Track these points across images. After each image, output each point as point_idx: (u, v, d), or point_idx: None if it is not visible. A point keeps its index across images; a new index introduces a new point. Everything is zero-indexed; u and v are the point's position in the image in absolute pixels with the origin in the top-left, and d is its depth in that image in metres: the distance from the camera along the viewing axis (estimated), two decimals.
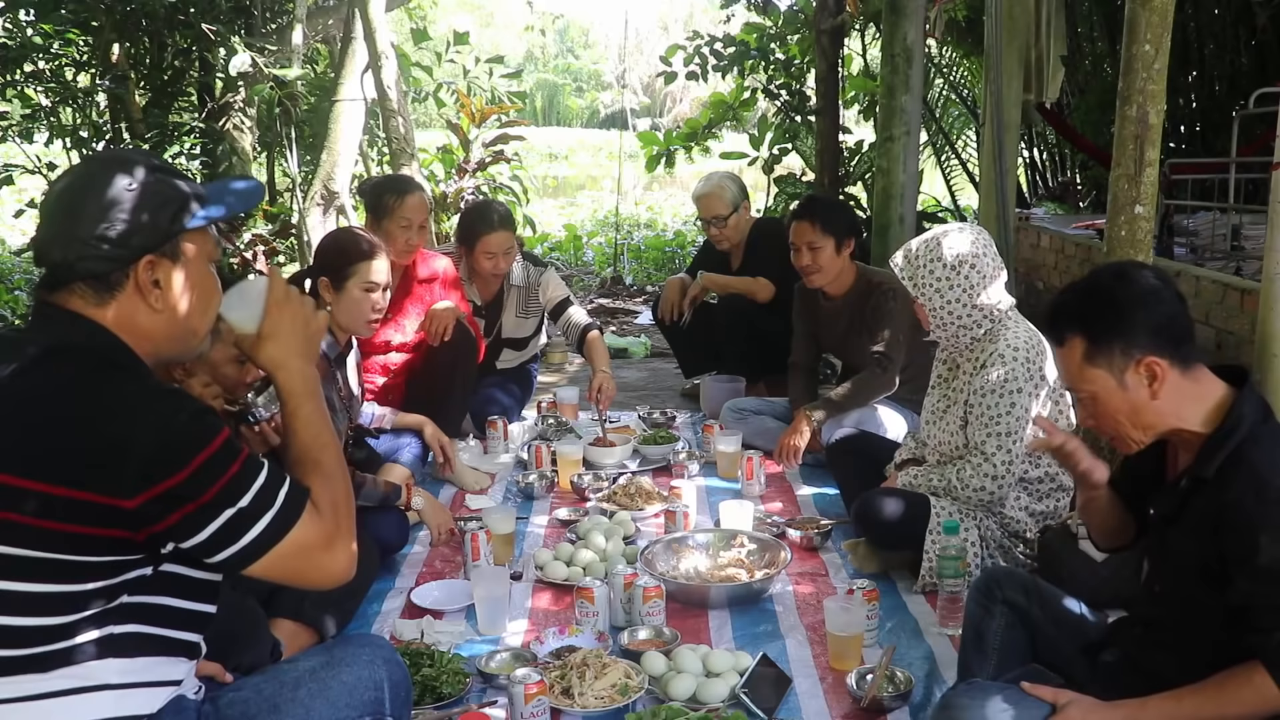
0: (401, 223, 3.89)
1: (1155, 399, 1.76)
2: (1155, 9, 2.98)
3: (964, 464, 2.83)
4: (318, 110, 7.30)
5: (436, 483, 3.80)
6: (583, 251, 10.44)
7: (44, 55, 6.21)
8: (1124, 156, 3.08)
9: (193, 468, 1.43)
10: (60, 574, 1.41)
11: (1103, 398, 1.79)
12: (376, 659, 1.64)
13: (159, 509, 1.42)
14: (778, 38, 8.00)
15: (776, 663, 2.38)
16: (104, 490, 1.40)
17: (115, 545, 1.43)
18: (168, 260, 1.55)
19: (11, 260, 8.97)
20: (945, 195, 10.00)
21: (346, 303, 3.05)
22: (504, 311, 4.46)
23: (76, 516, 1.40)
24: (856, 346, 3.92)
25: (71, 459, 1.40)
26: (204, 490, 1.43)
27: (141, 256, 1.52)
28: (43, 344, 1.49)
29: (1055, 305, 1.87)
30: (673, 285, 4.83)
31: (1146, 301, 1.76)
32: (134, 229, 1.51)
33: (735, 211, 4.68)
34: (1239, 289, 4.05)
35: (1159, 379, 1.75)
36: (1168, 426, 1.79)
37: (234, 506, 1.45)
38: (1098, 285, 1.83)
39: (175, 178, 1.59)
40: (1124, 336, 1.75)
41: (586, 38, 45.54)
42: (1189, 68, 7.04)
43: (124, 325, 1.53)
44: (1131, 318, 1.76)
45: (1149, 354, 1.74)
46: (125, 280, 1.52)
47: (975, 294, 2.82)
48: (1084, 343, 1.79)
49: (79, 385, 1.45)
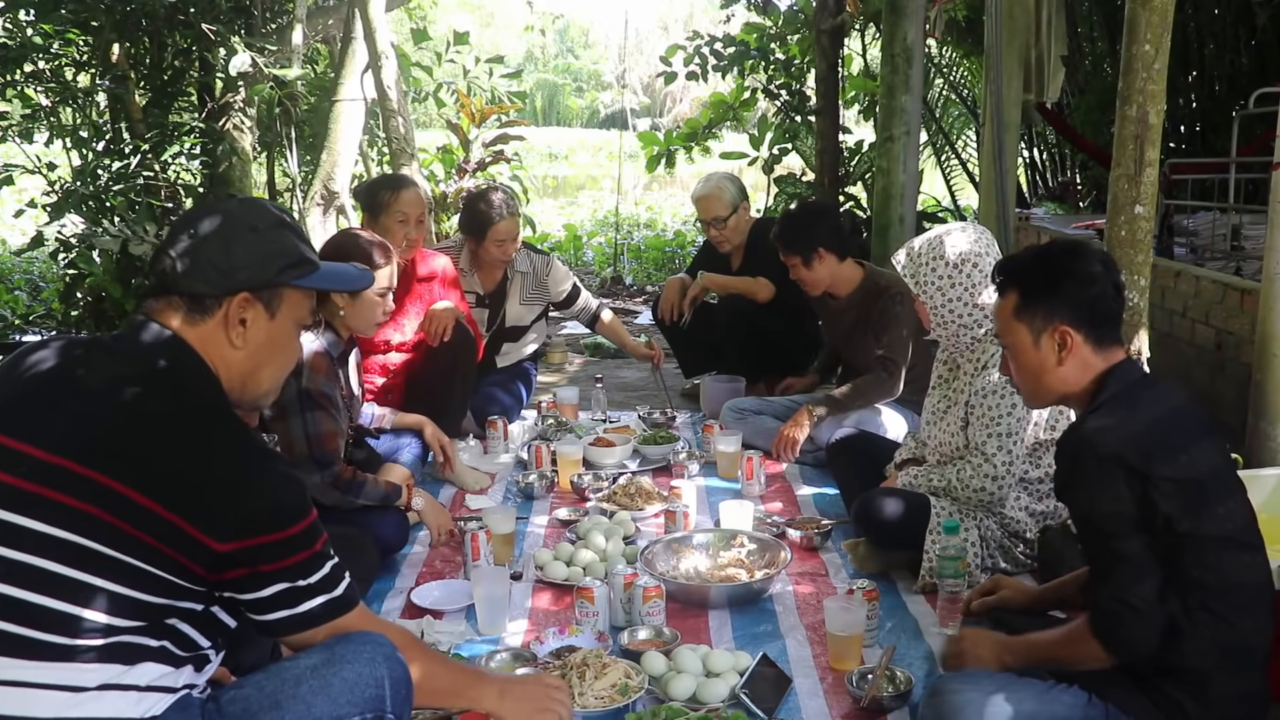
0: (399, 217, 3.89)
1: (1060, 365, 1.96)
2: (1155, 9, 2.98)
3: (964, 464, 2.83)
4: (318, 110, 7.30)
5: (436, 483, 3.80)
6: (583, 251, 10.44)
7: (44, 55, 6.19)
8: (1124, 156, 3.08)
9: (288, 533, 1.56)
10: (123, 575, 1.47)
11: (1018, 350, 2.01)
12: (378, 656, 1.64)
13: (241, 559, 1.52)
14: (778, 38, 8.00)
15: (776, 663, 2.37)
16: (202, 526, 1.49)
17: (185, 573, 1.51)
18: (261, 305, 1.66)
19: (11, 260, 8.97)
20: (945, 195, 10.00)
21: (360, 307, 3.08)
22: (508, 299, 4.48)
23: (165, 536, 1.48)
24: (860, 346, 3.93)
25: (184, 487, 1.49)
26: (287, 556, 1.56)
27: (240, 291, 1.63)
28: (143, 366, 1.59)
29: (1009, 258, 2.12)
30: (672, 285, 4.83)
31: (1080, 278, 1.95)
32: (242, 265, 1.63)
33: (735, 212, 4.68)
34: (1239, 289, 4.05)
35: (1068, 349, 1.94)
36: (1058, 392, 1.99)
37: (305, 579, 1.59)
38: (1046, 252, 2.05)
39: (299, 239, 1.72)
40: (1049, 302, 1.96)
41: (586, 38, 45.53)
42: (1189, 68, 7.04)
43: (209, 351, 1.63)
44: (1062, 288, 1.95)
45: (1065, 324, 1.94)
46: (218, 309, 1.63)
47: (977, 293, 2.82)
48: (1017, 297, 2.00)
49: (200, 418, 1.57)
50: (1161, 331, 4.53)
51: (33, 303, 7.64)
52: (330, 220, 6.67)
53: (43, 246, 6.42)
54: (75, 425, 1.51)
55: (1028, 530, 2.89)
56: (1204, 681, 1.77)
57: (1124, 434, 1.81)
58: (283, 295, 1.69)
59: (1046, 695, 1.84)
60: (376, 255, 3.11)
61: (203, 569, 1.51)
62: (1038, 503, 2.90)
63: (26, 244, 6.58)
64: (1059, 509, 2.92)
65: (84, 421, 1.52)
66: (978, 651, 2.04)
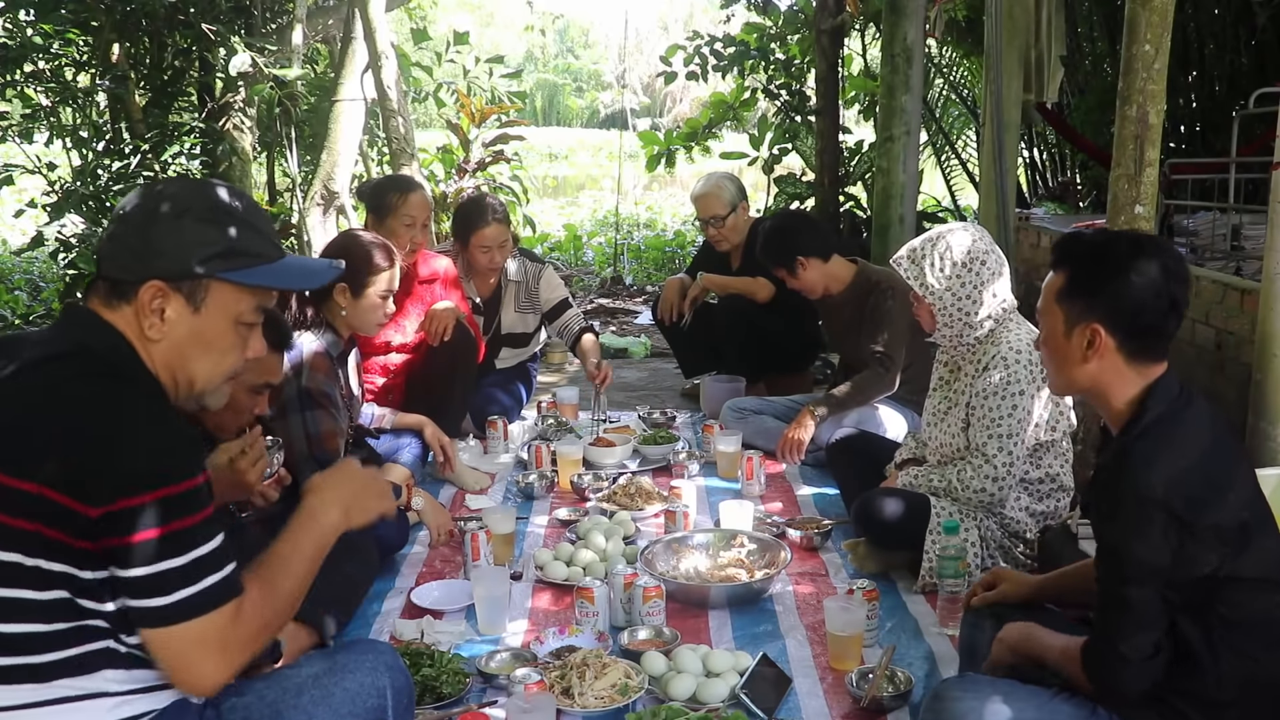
0: (405, 220, 3.89)
1: (1085, 363, 1.84)
2: (1155, 9, 2.98)
3: (964, 465, 2.83)
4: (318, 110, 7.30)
5: (436, 483, 3.80)
6: (583, 251, 10.43)
7: (44, 55, 6.20)
8: (1124, 156, 3.08)
9: (163, 493, 1.39)
10: (23, 578, 1.38)
11: (1049, 332, 1.90)
12: (380, 666, 1.63)
13: (116, 526, 1.38)
14: (778, 38, 8.00)
15: (776, 663, 2.37)
16: (73, 492, 1.37)
17: (72, 554, 1.39)
18: (181, 297, 1.54)
19: (11, 260, 8.97)
20: (945, 195, 10.00)
21: (362, 307, 3.09)
22: (503, 307, 4.47)
23: (47, 517, 1.37)
24: (855, 342, 3.93)
25: (58, 456, 1.37)
26: (161, 523, 1.39)
27: (151, 279, 1.52)
28: (52, 348, 1.49)
29: (1072, 236, 1.94)
30: (672, 286, 4.83)
31: (1132, 281, 1.79)
32: (159, 253, 1.52)
33: (733, 211, 4.68)
34: (1239, 289, 4.05)
35: (1095, 349, 1.82)
36: (1084, 388, 1.88)
37: (174, 560, 1.40)
38: (1110, 242, 1.88)
39: (243, 230, 1.56)
40: (1091, 296, 1.83)
41: (586, 38, 45.53)
42: (1189, 68, 7.03)
43: (132, 335, 1.54)
44: (1108, 286, 1.81)
45: (1099, 323, 1.81)
46: (133, 294, 1.52)
47: (982, 291, 2.82)
48: (1064, 280, 1.88)
49: (74, 387, 1.43)
50: None
51: (33, 303, 7.64)
52: (330, 220, 6.67)
53: (43, 246, 6.43)
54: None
55: (1028, 531, 2.89)
56: (1220, 710, 1.72)
57: (1170, 475, 1.69)
58: (207, 288, 1.55)
59: (1048, 705, 1.80)
60: (379, 257, 3.12)
61: (86, 542, 1.38)
62: (1038, 503, 2.90)
63: (26, 244, 6.58)
64: (1059, 509, 2.92)
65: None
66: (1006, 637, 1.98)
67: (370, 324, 3.15)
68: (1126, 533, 1.70)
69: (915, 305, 2.93)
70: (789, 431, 3.76)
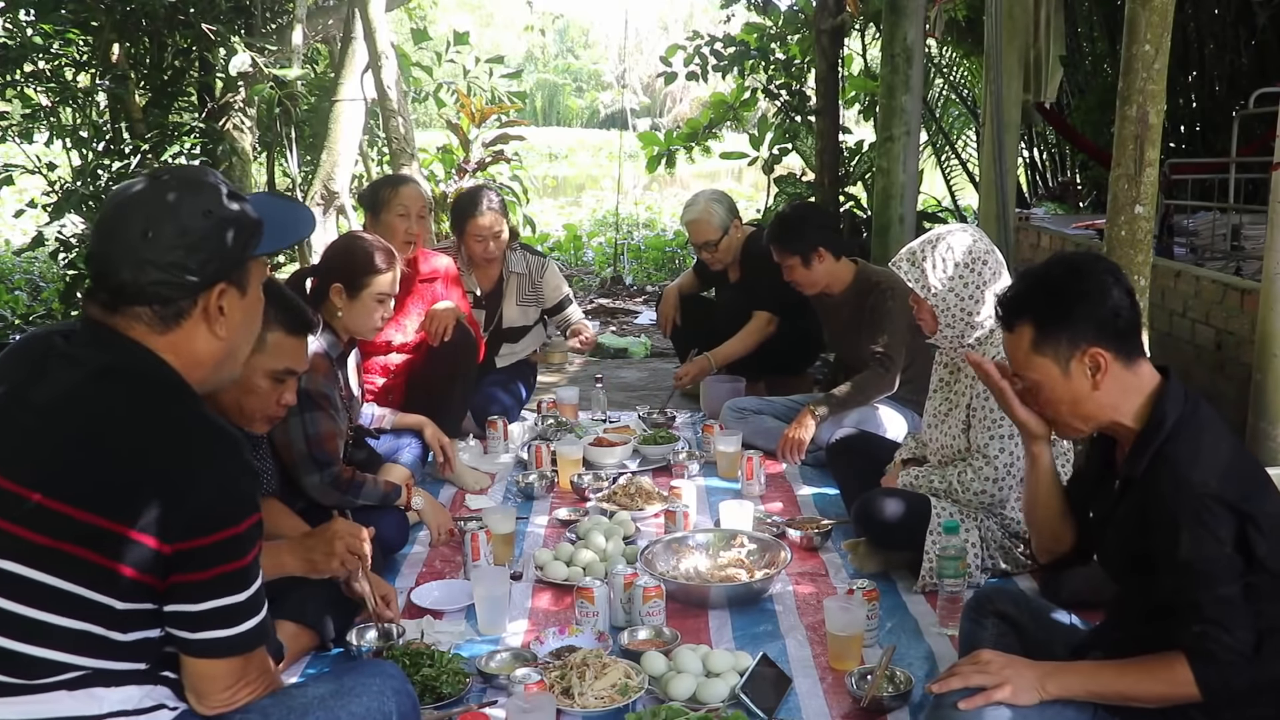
0: (399, 211, 3.90)
1: (1096, 389, 1.82)
2: (1155, 9, 2.98)
3: (965, 466, 2.83)
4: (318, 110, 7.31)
5: (436, 483, 3.80)
6: (583, 251, 10.43)
7: (44, 55, 6.20)
8: (1124, 156, 3.08)
9: (229, 534, 1.42)
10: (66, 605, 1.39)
11: (1046, 385, 1.85)
12: (386, 689, 1.62)
13: (186, 562, 1.41)
14: (778, 38, 8.00)
15: (776, 663, 2.37)
16: (146, 529, 1.38)
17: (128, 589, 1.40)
18: (235, 288, 1.54)
19: (12, 260, 8.98)
20: (945, 195, 9.99)
21: (359, 310, 3.09)
22: (505, 300, 4.48)
23: (114, 551, 1.37)
24: (855, 343, 3.93)
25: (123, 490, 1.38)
26: (221, 563, 1.43)
27: (216, 284, 1.51)
28: (100, 362, 1.46)
29: (1009, 294, 1.92)
30: (668, 300, 4.93)
31: (1094, 296, 1.81)
32: (211, 257, 1.49)
33: (726, 234, 4.66)
34: (1239, 289, 4.05)
35: (1102, 370, 1.80)
36: (1107, 418, 1.84)
37: (233, 597, 1.45)
38: (1049, 276, 1.88)
39: (244, 202, 1.57)
40: (1071, 328, 1.81)
41: (586, 38, 45.52)
42: (1189, 68, 7.04)
43: (181, 353, 1.51)
44: (1079, 310, 1.81)
45: (1094, 345, 1.80)
46: (194, 308, 1.50)
47: (984, 291, 2.82)
48: (1032, 331, 1.84)
49: (135, 409, 1.43)
50: (1161, 331, 4.53)
51: (33, 303, 7.64)
52: (330, 220, 6.68)
53: (43, 246, 6.43)
54: (22, 445, 1.43)
55: (1028, 531, 2.89)
56: (1221, 709, 1.72)
57: (1215, 468, 1.68)
58: (249, 268, 1.57)
59: (1050, 708, 1.79)
60: (379, 259, 3.11)
61: (151, 577, 1.40)
62: None
63: (27, 244, 6.58)
64: None
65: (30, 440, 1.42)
66: (1012, 677, 1.78)
67: (366, 327, 3.14)
68: (1197, 536, 1.65)
69: (916, 308, 2.92)
70: (789, 431, 3.75)
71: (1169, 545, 1.68)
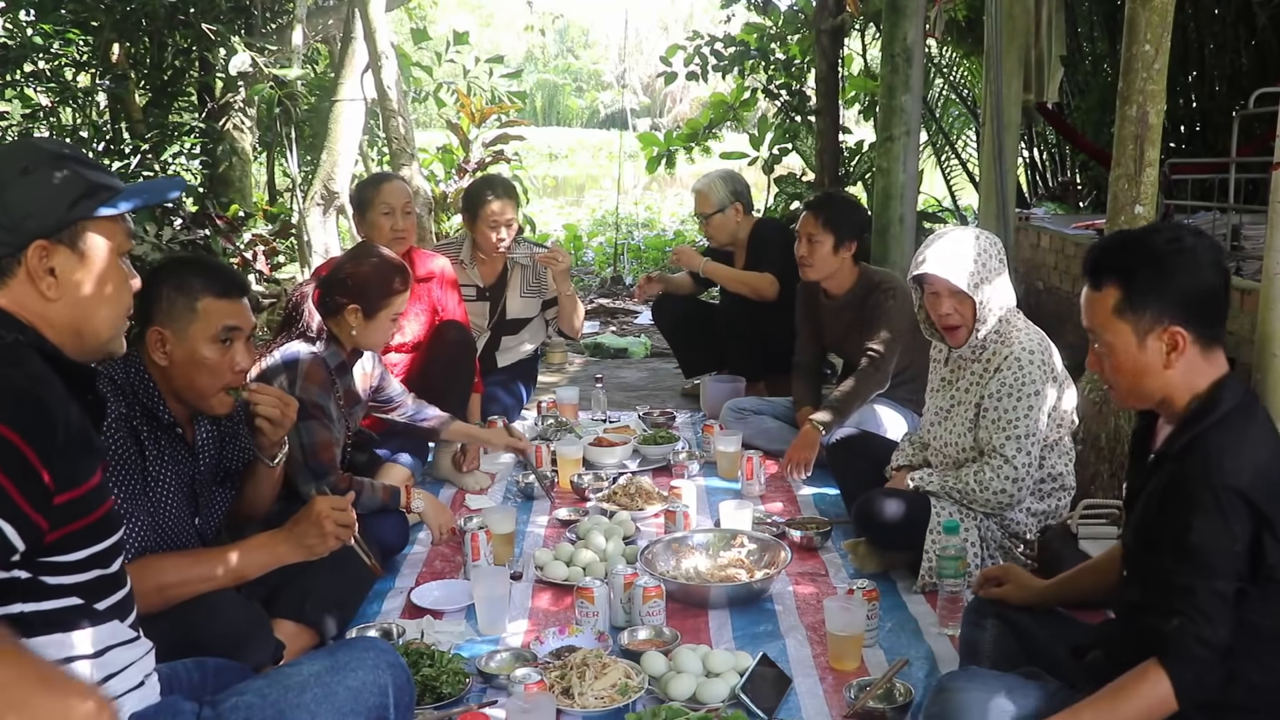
0: (383, 209, 3.90)
1: (1168, 369, 1.75)
2: (1155, 9, 2.98)
3: (983, 466, 2.80)
4: (318, 110, 7.32)
5: (436, 483, 3.80)
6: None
7: (44, 55, 6.21)
8: (1124, 156, 3.08)
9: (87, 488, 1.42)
10: None
11: (1118, 351, 1.78)
12: (381, 663, 1.63)
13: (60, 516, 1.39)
14: (778, 38, 8.00)
15: (776, 663, 2.37)
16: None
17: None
18: (64, 248, 1.52)
19: None
20: (945, 195, 9.99)
21: (374, 329, 3.05)
22: (508, 290, 4.49)
23: None
24: (856, 345, 3.92)
25: None
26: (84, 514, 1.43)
27: (32, 241, 1.49)
28: None
29: (1103, 249, 1.83)
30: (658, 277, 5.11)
31: (1190, 274, 1.73)
32: (25, 214, 1.48)
33: (720, 211, 4.68)
34: (1239, 289, 4.04)
35: (1178, 350, 1.73)
36: (1157, 397, 1.79)
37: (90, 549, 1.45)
38: (1150, 244, 1.78)
39: (85, 167, 1.55)
40: (1159, 302, 1.73)
41: (586, 38, 45.51)
42: (1189, 68, 7.03)
43: (25, 312, 1.49)
44: (1172, 285, 1.73)
45: (1177, 324, 1.72)
46: (17, 265, 1.49)
47: (1001, 285, 2.82)
48: (1118, 294, 1.76)
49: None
50: None
51: None
52: (330, 220, 6.68)
53: None
54: None
55: (1028, 531, 2.89)
56: (1221, 712, 1.70)
57: (1253, 465, 1.64)
58: (85, 230, 1.53)
59: (1055, 697, 1.79)
60: (397, 282, 3.07)
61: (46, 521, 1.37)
62: (1039, 502, 2.90)
63: None
64: (1059, 509, 2.92)
65: None
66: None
67: (378, 344, 3.15)
68: (1209, 525, 1.62)
69: (944, 311, 2.82)
70: (793, 452, 3.67)
71: (1181, 526, 1.65)
